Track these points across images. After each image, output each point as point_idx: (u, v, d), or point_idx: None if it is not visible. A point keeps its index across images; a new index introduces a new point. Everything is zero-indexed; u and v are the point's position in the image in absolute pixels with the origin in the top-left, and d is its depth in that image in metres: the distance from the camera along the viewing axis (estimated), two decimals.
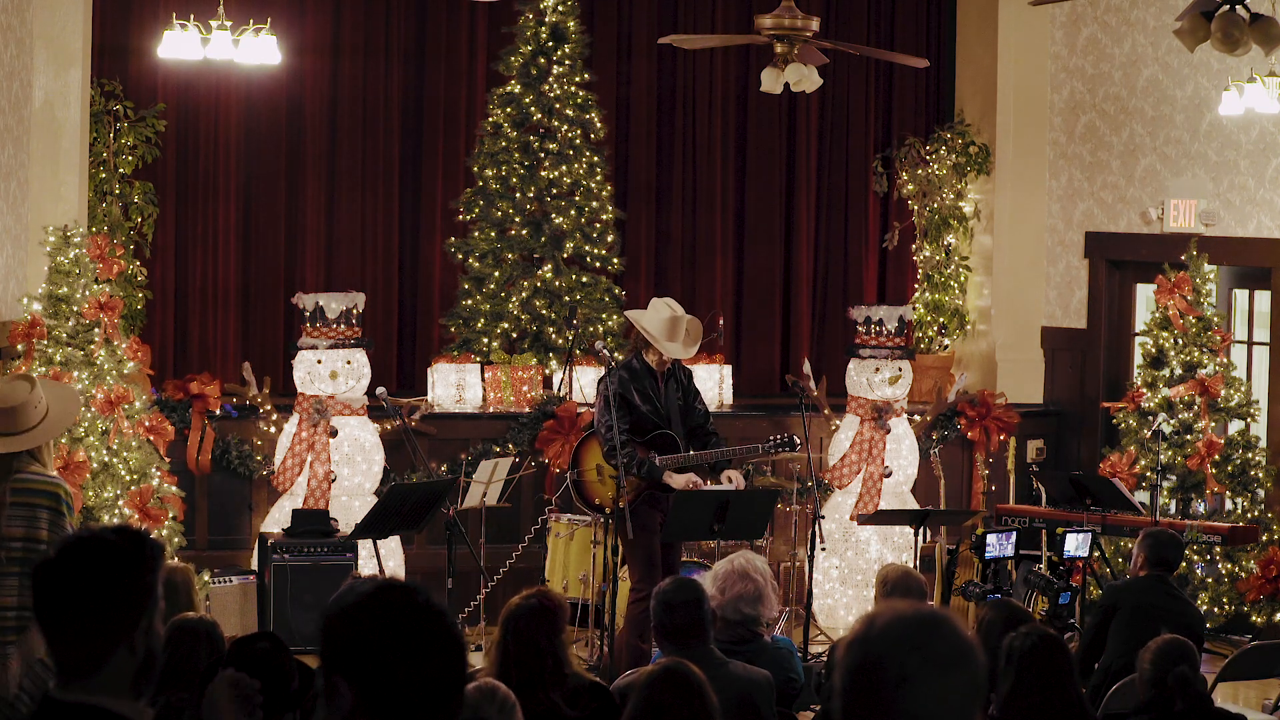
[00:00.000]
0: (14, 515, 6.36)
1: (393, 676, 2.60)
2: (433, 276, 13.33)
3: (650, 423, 9.10)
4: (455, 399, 11.92)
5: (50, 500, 6.41)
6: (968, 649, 2.51)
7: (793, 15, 10.01)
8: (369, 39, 13.13)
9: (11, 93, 10.70)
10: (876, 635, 2.50)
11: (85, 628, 3.02)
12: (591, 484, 9.27)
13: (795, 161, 13.96)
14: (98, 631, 3.02)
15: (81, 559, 3.03)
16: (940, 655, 2.48)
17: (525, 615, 5.36)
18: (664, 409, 9.14)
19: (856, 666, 2.49)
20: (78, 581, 3.01)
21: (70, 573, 3.02)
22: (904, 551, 11.16)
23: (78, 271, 9.97)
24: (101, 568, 3.02)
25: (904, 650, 2.48)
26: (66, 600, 3.02)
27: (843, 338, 13.21)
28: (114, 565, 3.03)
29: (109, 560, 3.03)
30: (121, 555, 3.04)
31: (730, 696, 5.50)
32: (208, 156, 12.80)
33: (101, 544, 3.04)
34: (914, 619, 2.51)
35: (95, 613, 3.02)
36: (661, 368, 9.17)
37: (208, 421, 11.13)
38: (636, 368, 9.14)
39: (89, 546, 3.05)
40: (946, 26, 13.86)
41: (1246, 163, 11.95)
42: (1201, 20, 8.31)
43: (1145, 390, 11.65)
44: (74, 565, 3.02)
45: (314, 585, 10.24)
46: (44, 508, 6.39)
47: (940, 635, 2.50)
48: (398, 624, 2.63)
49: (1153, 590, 7.80)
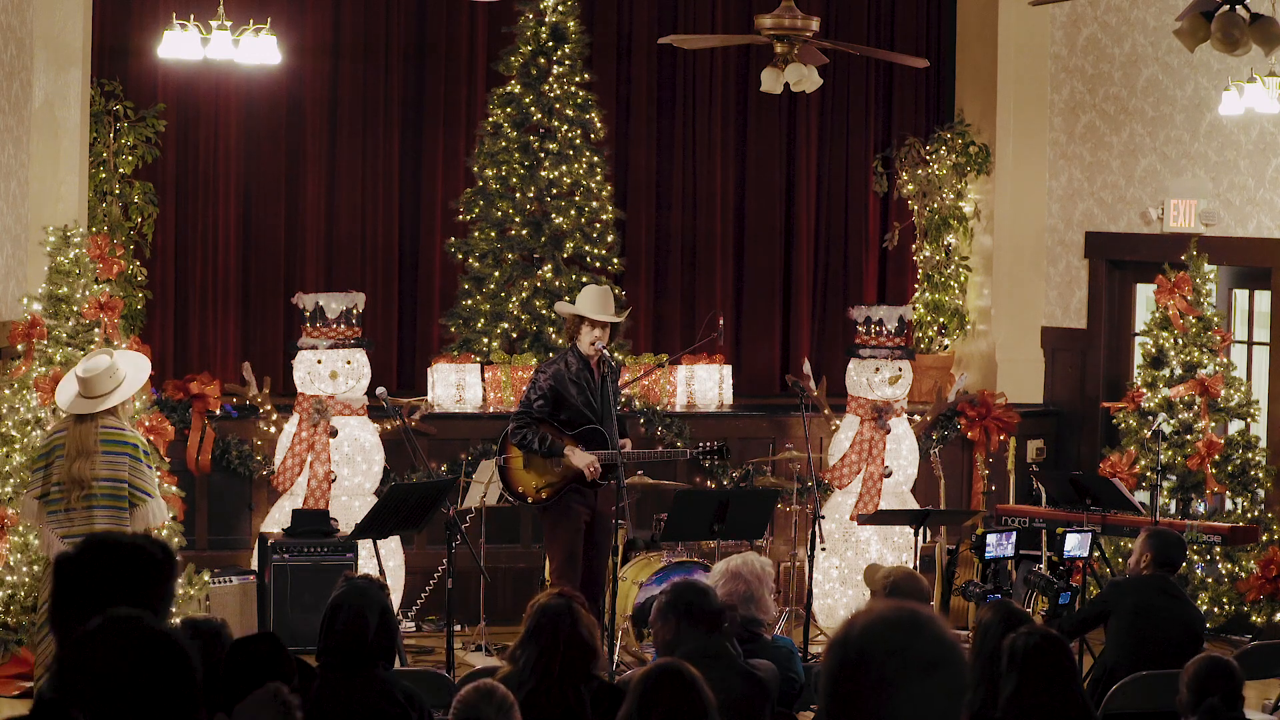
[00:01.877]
0: (103, 461, 7.94)
1: (125, 708, 2.61)
2: (433, 276, 13.33)
3: (582, 417, 9.19)
4: (455, 399, 11.92)
5: (131, 449, 8.05)
6: (949, 650, 2.50)
7: (793, 15, 10.01)
8: (369, 39, 13.13)
9: (11, 93, 10.70)
10: (856, 636, 2.49)
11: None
12: (516, 471, 9.33)
13: (795, 161, 13.96)
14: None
15: (110, 559, 3.03)
16: (921, 656, 2.46)
17: (564, 611, 5.48)
18: (597, 403, 9.20)
19: (837, 667, 2.48)
20: (106, 577, 3.01)
21: (98, 569, 3.02)
22: (904, 551, 11.16)
23: (78, 271, 9.97)
24: (130, 568, 3.02)
25: (884, 651, 2.46)
26: (92, 595, 3.02)
27: (843, 338, 13.21)
28: (142, 567, 3.03)
29: (137, 562, 3.03)
30: (149, 559, 3.05)
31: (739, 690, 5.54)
32: (208, 156, 12.80)
33: (130, 548, 3.06)
34: (894, 620, 2.49)
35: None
36: (594, 356, 9.24)
37: (208, 421, 11.13)
38: (572, 362, 9.24)
39: (117, 548, 3.06)
40: (946, 26, 13.86)
41: (1246, 163, 11.95)
42: (1201, 20, 8.31)
43: (1145, 390, 11.65)
44: (102, 563, 3.02)
45: (314, 585, 10.23)
46: (125, 455, 8.00)
47: (921, 636, 2.48)
48: (128, 656, 2.64)
49: (1154, 590, 7.79)
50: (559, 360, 9.33)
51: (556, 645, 5.46)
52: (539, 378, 9.30)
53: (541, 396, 9.18)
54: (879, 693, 2.44)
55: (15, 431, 9.80)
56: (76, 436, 8.06)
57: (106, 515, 8.01)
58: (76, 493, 7.96)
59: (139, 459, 8.06)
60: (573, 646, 5.46)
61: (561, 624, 5.47)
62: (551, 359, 9.61)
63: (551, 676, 5.40)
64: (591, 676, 5.47)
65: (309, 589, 10.25)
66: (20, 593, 9.66)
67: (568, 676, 5.42)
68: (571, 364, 9.22)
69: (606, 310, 9.26)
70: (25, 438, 9.77)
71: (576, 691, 5.41)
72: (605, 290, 9.39)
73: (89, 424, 8.08)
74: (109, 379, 8.07)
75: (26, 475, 9.66)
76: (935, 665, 2.46)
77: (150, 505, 8.18)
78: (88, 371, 8.09)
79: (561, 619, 5.48)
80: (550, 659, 5.44)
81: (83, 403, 8.06)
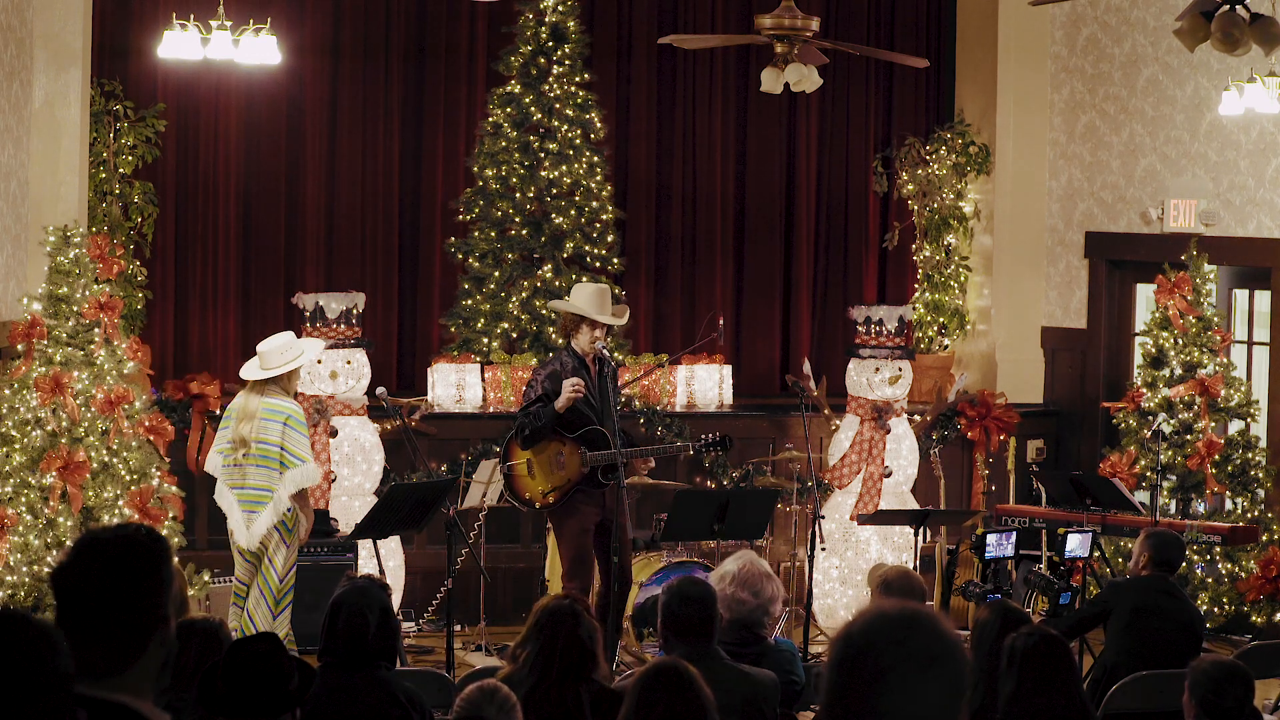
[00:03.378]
0: (260, 425, 8.84)
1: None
2: (433, 276, 13.33)
3: (582, 416, 9.10)
4: (455, 399, 11.92)
5: (284, 418, 8.86)
6: (949, 648, 2.50)
7: (793, 15, 10.01)
8: (369, 39, 13.13)
9: (11, 93, 10.70)
10: (857, 632, 2.50)
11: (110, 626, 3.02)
12: (521, 478, 9.26)
13: (795, 161, 13.96)
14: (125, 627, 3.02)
15: (100, 557, 3.03)
16: (919, 653, 2.47)
17: (566, 613, 5.50)
18: (597, 401, 9.13)
19: (838, 660, 2.49)
20: (101, 579, 3.01)
21: (91, 572, 3.02)
22: (904, 551, 11.16)
23: (78, 271, 9.96)
24: (122, 563, 3.02)
25: (882, 644, 2.47)
26: (90, 599, 3.02)
27: (843, 338, 13.21)
28: (134, 560, 3.03)
29: (129, 555, 3.03)
30: (140, 550, 3.04)
31: (736, 697, 5.51)
32: (208, 156, 12.80)
33: (118, 541, 3.05)
34: (895, 617, 2.49)
35: (120, 608, 3.02)
36: (592, 354, 9.16)
37: (208, 421, 11.13)
38: (568, 361, 9.15)
39: (105, 545, 3.05)
40: (946, 26, 13.86)
41: (1246, 163, 11.95)
42: (1201, 20, 8.31)
43: (1145, 390, 11.65)
44: (94, 564, 3.02)
45: (314, 585, 10.23)
46: (280, 422, 8.84)
47: (920, 633, 2.48)
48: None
49: (1154, 590, 7.79)
50: (554, 361, 9.25)
51: (555, 645, 5.47)
52: (536, 380, 9.21)
53: (541, 399, 9.10)
54: (875, 684, 2.45)
55: (15, 431, 9.80)
56: (244, 402, 8.98)
57: (261, 474, 8.88)
58: (242, 450, 8.89)
59: (293, 427, 8.88)
60: (572, 647, 5.46)
61: (562, 625, 5.48)
62: (546, 360, 9.53)
63: (550, 677, 5.41)
64: (590, 679, 5.47)
65: (309, 589, 10.23)
66: (20, 593, 9.66)
67: (566, 677, 5.43)
68: (568, 363, 9.14)
69: (605, 310, 9.22)
70: (25, 438, 9.77)
71: (575, 693, 5.42)
72: (604, 289, 9.34)
73: (254, 392, 8.94)
74: (279, 355, 8.94)
75: (27, 475, 9.69)
76: (933, 660, 2.47)
77: (301, 469, 8.86)
78: (266, 345, 9.04)
79: (562, 620, 5.49)
80: (549, 659, 5.45)
81: (253, 370, 9.01)
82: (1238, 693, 5.47)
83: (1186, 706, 5.52)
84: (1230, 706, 5.43)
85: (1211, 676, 5.48)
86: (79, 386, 9.81)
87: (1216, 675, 5.49)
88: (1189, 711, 5.51)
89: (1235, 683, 5.48)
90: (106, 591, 3.01)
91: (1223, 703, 5.43)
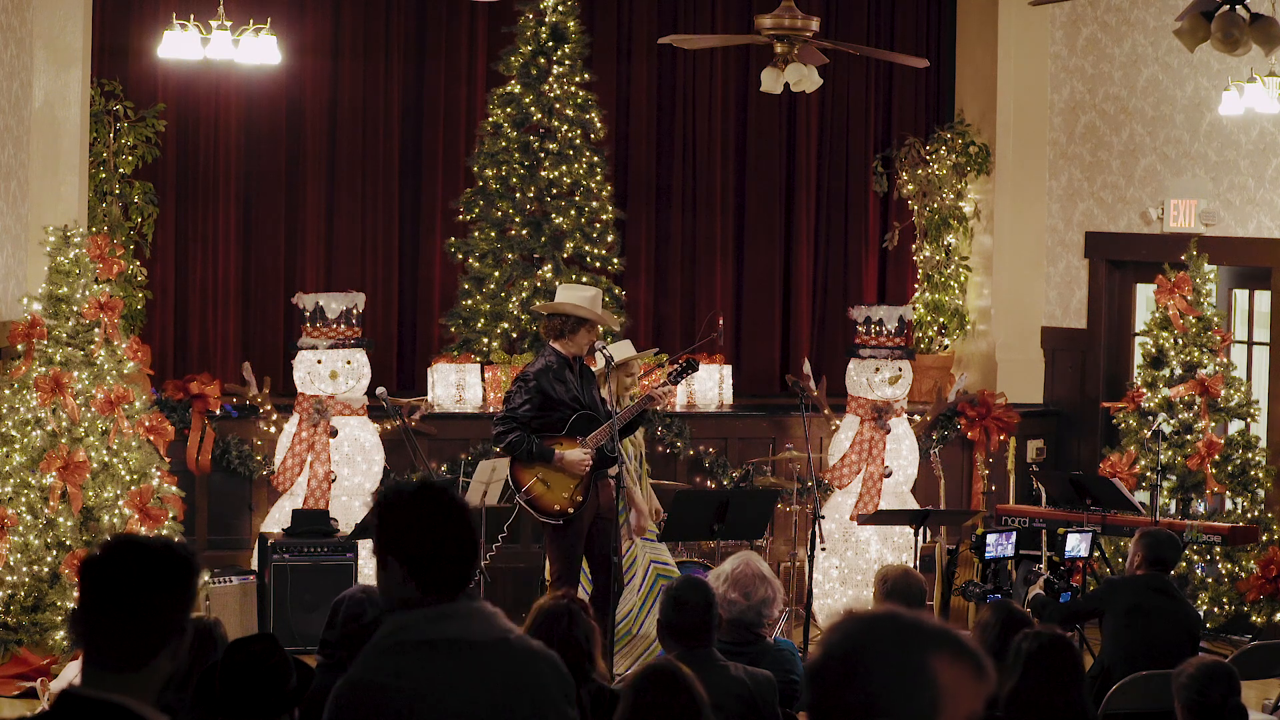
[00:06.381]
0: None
1: (431, 551, 3.54)
2: (433, 276, 13.34)
3: (571, 410, 9.03)
4: (455, 399, 11.92)
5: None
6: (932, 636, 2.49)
7: (793, 15, 10.01)
8: (369, 39, 13.13)
9: (11, 93, 10.71)
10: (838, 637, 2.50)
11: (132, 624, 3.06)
12: (541, 496, 9.05)
13: (795, 161, 13.96)
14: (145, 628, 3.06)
15: (140, 556, 3.09)
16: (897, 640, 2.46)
17: (563, 613, 5.51)
18: (584, 397, 9.10)
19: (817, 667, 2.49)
20: (137, 576, 3.07)
21: (128, 567, 3.08)
22: (904, 551, 11.16)
23: (78, 271, 9.97)
24: (160, 566, 3.08)
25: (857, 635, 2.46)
26: (122, 594, 3.07)
27: (843, 338, 13.21)
28: (170, 566, 3.10)
29: (167, 560, 3.10)
30: (178, 558, 3.12)
31: (734, 698, 5.51)
32: (208, 156, 12.81)
33: (158, 544, 3.12)
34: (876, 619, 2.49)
35: (146, 609, 3.07)
36: (578, 354, 9.10)
37: (208, 421, 11.14)
38: (553, 361, 9.07)
39: (145, 545, 3.11)
40: (946, 26, 13.86)
41: (1246, 163, 11.95)
42: (1201, 20, 8.31)
43: (1145, 390, 11.65)
44: (133, 560, 3.09)
45: (314, 585, 10.24)
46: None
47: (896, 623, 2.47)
48: (434, 514, 3.56)
49: (1149, 589, 7.79)
50: (539, 361, 9.16)
51: (550, 645, 5.47)
52: (524, 380, 9.06)
53: (528, 400, 8.96)
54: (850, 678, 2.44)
55: (15, 431, 9.80)
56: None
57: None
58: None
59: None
60: (567, 647, 5.46)
61: (557, 625, 5.48)
62: (531, 362, 9.38)
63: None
64: (587, 679, 5.47)
65: (309, 589, 10.26)
66: (20, 593, 9.66)
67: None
68: (553, 363, 9.09)
69: (605, 311, 9.21)
70: (25, 438, 9.77)
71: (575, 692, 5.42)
72: (598, 292, 9.36)
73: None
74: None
75: (27, 475, 9.69)
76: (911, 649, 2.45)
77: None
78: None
79: (558, 620, 5.49)
80: None
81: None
82: (1221, 689, 5.48)
83: (1177, 712, 5.53)
84: (1215, 703, 5.45)
85: (1194, 678, 5.51)
86: (79, 386, 9.81)
87: (1199, 675, 5.51)
88: (1179, 717, 5.52)
89: (1218, 680, 5.50)
90: (139, 589, 3.07)
91: (1207, 700, 5.45)
